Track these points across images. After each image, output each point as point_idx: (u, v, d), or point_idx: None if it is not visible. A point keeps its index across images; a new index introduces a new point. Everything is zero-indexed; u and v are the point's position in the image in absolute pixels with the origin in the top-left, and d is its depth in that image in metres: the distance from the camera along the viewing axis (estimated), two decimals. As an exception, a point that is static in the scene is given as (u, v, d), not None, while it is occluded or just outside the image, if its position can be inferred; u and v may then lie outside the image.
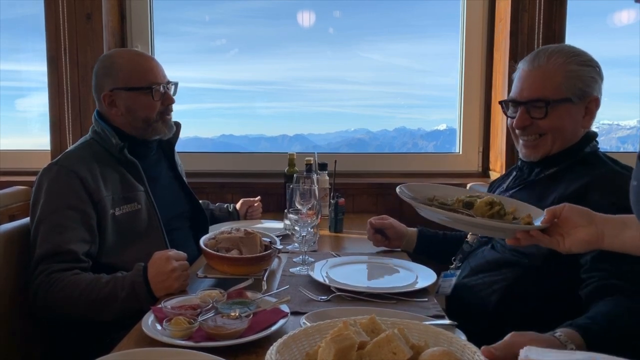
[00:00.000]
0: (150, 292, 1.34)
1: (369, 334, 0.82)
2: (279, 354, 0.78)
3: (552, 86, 1.37)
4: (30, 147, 2.66)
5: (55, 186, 1.51)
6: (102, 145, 1.64)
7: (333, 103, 2.87)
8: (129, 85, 1.64)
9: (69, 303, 1.38)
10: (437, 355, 0.77)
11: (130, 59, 1.69)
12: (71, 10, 2.33)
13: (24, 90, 2.76)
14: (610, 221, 1.02)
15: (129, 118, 1.66)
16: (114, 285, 1.37)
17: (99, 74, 1.69)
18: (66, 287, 1.38)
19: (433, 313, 1.19)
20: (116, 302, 1.35)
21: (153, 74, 1.67)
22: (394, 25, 2.73)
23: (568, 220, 1.05)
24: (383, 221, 1.74)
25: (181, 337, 1.01)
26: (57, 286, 1.39)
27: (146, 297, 1.33)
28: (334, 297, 1.29)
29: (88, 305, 1.37)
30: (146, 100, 1.65)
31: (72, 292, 1.38)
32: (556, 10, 2.29)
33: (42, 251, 1.44)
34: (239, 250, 1.42)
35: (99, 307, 1.37)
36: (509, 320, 1.30)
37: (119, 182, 1.60)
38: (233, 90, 2.81)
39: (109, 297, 1.36)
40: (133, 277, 1.36)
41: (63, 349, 1.57)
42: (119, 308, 1.35)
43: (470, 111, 2.60)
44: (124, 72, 1.65)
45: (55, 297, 1.38)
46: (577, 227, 1.04)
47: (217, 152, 2.73)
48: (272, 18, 2.76)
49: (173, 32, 2.73)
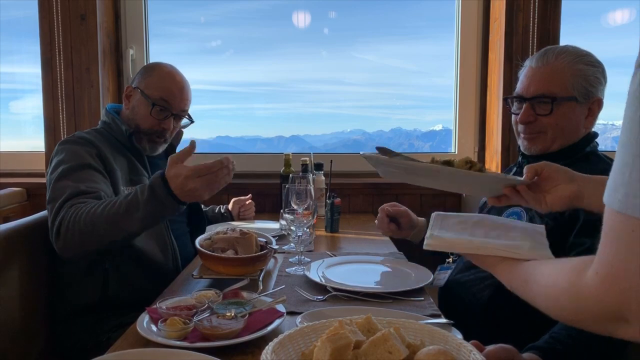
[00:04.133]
0: (172, 193, 1.33)
1: (365, 333, 0.82)
2: (274, 353, 0.77)
3: (559, 83, 1.38)
4: (24, 149, 2.65)
5: (76, 151, 1.58)
6: (110, 133, 1.72)
7: (329, 104, 2.87)
8: (144, 91, 1.73)
9: (92, 222, 1.37)
10: (432, 354, 0.77)
11: (166, 72, 1.77)
12: (65, 11, 2.32)
13: (18, 93, 2.74)
14: (591, 180, 1.02)
15: (130, 116, 1.75)
16: (135, 192, 1.38)
17: (139, 72, 1.81)
18: (90, 208, 1.39)
19: (429, 312, 1.19)
20: (138, 209, 1.35)
21: (168, 95, 1.73)
22: (389, 26, 2.73)
23: (549, 177, 1.04)
24: (398, 208, 1.70)
25: (176, 338, 1.00)
26: (80, 209, 1.39)
27: (167, 198, 1.33)
28: (330, 296, 1.28)
29: (111, 218, 1.36)
30: (145, 110, 1.72)
31: (95, 209, 1.38)
32: (551, 10, 2.30)
33: (67, 195, 1.45)
34: (234, 251, 1.42)
35: (122, 218, 1.36)
36: (501, 315, 1.30)
37: (126, 164, 1.69)
38: (228, 92, 2.81)
39: (130, 205, 1.36)
40: (151, 180, 1.37)
41: (62, 349, 1.57)
42: (141, 215, 1.35)
43: (466, 111, 2.61)
44: (153, 79, 1.75)
45: (79, 220, 1.38)
46: (558, 184, 1.03)
47: (213, 153, 2.72)
48: (267, 19, 2.76)
49: (168, 33, 2.72)
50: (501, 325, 1.30)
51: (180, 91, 1.75)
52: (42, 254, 1.61)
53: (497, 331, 1.12)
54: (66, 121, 2.36)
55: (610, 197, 0.58)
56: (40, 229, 1.63)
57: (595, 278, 0.60)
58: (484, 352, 0.93)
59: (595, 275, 0.60)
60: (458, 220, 1.01)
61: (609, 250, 0.58)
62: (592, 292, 0.60)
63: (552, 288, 0.70)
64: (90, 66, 2.35)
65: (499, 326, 1.28)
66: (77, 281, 1.57)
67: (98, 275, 1.56)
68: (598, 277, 0.59)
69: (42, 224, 1.65)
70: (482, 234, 0.93)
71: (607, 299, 0.58)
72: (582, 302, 0.62)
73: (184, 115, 1.79)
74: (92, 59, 2.34)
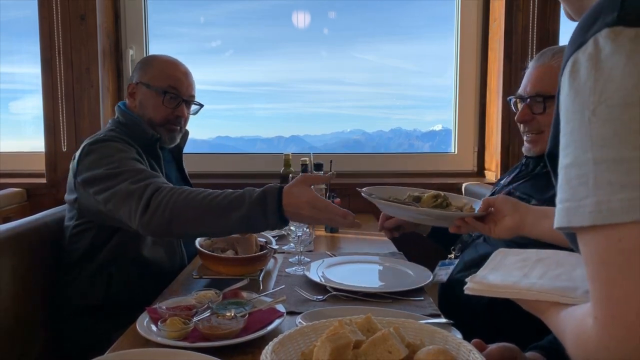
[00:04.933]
0: (281, 206, 1.24)
1: (364, 333, 0.82)
2: (274, 353, 0.77)
3: (551, 82, 1.39)
4: (24, 149, 2.65)
5: (112, 147, 1.52)
6: (127, 135, 1.63)
7: (329, 104, 2.87)
8: (150, 83, 1.69)
9: (187, 204, 1.29)
10: (432, 353, 0.77)
11: (165, 61, 1.74)
12: (65, 11, 2.32)
13: (18, 93, 2.74)
14: (532, 211, 1.15)
15: (139, 113, 1.70)
16: (242, 191, 1.29)
17: (137, 67, 1.76)
18: (189, 192, 1.32)
19: (429, 312, 1.19)
20: (241, 207, 1.25)
21: (175, 82, 1.70)
22: (388, 26, 2.73)
23: (500, 210, 1.18)
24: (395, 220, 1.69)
25: (176, 338, 1.00)
26: (176, 191, 1.33)
27: (274, 207, 1.24)
28: (330, 296, 1.28)
29: (210, 206, 1.28)
30: (156, 101, 1.68)
31: (196, 195, 1.30)
32: (550, 10, 2.30)
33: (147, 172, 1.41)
34: (234, 251, 1.42)
35: (222, 210, 1.27)
36: (504, 314, 1.30)
37: (147, 165, 1.60)
38: (228, 92, 2.81)
39: (235, 201, 1.27)
40: (266, 186, 1.29)
41: (61, 349, 1.57)
42: (240, 215, 1.25)
43: (466, 111, 2.61)
44: (155, 70, 1.71)
45: (175, 199, 1.30)
46: (505, 215, 1.17)
47: (213, 153, 2.73)
48: (266, 19, 2.75)
49: (168, 33, 2.72)
50: (503, 324, 1.30)
51: (185, 76, 1.74)
52: (41, 254, 1.61)
53: (499, 331, 1.12)
54: (66, 121, 2.36)
55: (575, 216, 0.50)
56: (40, 229, 1.63)
57: (596, 324, 0.49)
58: (486, 351, 0.92)
59: (595, 321, 0.50)
60: (520, 258, 0.90)
61: (600, 281, 0.49)
62: (597, 343, 0.49)
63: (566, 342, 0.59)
64: (90, 66, 2.34)
65: (502, 325, 1.28)
66: (81, 283, 1.57)
67: (103, 278, 1.56)
68: (598, 322, 0.49)
69: (42, 224, 1.65)
70: (539, 274, 0.81)
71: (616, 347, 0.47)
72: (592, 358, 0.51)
73: (193, 100, 1.77)
74: (92, 59, 2.34)
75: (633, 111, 0.47)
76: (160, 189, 1.34)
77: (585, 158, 0.49)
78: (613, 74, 0.48)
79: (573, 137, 0.51)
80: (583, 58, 0.51)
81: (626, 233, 0.47)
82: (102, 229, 1.56)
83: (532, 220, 1.13)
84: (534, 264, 0.85)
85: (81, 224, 1.59)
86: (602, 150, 0.48)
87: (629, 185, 0.46)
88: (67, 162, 2.35)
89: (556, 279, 0.78)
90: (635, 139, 0.47)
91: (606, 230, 0.48)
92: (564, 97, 0.54)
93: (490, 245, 1.43)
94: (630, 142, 0.47)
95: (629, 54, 0.48)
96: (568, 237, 0.61)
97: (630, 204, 0.46)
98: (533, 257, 0.87)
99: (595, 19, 0.52)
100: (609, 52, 0.49)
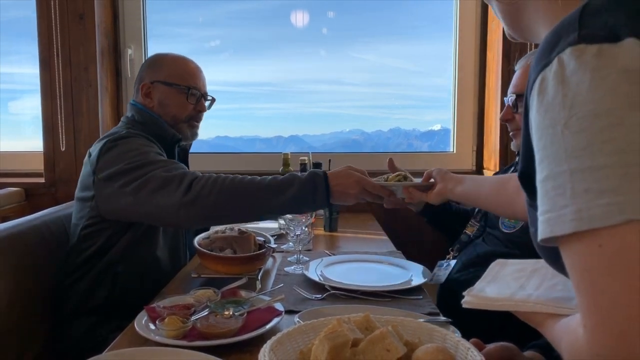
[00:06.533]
0: (329, 188, 1.36)
1: (363, 331, 0.82)
2: (272, 352, 0.77)
3: (525, 82, 1.40)
4: (23, 149, 2.64)
5: (136, 142, 1.51)
6: (147, 133, 1.61)
7: (327, 104, 2.87)
8: (169, 81, 1.68)
9: (234, 187, 1.34)
10: (430, 351, 0.77)
11: (178, 59, 1.74)
12: (63, 11, 2.31)
13: (17, 93, 2.74)
14: (454, 179, 1.36)
15: (159, 112, 1.68)
16: (290, 173, 1.39)
17: (145, 67, 1.74)
18: (232, 177, 1.36)
19: (427, 310, 1.19)
20: (292, 186, 1.34)
21: (194, 79, 1.72)
22: (387, 26, 2.73)
23: (435, 179, 1.39)
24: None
25: (175, 337, 1.00)
26: (218, 177, 1.36)
27: (323, 188, 1.35)
28: (328, 295, 1.28)
29: (263, 187, 1.34)
30: (180, 99, 1.69)
31: (242, 180, 1.35)
32: (549, 9, 2.30)
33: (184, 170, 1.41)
34: (232, 250, 1.42)
35: (274, 191, 1.34)
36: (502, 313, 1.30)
37: None
38: (227, 92, 2.80)
39: (285, 182, 1.35)
40: (311, 170, 1.40)
41: (60, 349, 1.57)
42: (292, 194, 1.33)
43: (464, 111, 2.61)
44: (170, 68, 1.71)
45: (221, 184, 1.33)
46: (437, 183, 1.38)
47: (212, 153, 2.73)
48: (265, 19, 2.75)
49: (167, 33, 2.72)
50: (502, 323, 1.30)
51: (200, 72, 1.76)
52: (40, 254, 1.60)
53: (498, 330, 1.12)
54: (64, 121, 2.36)
55: (556, 226, 0.50)
56: (39, 228, 1.63)
57: (585, 333, 0.49)
58: (485, 351, 0.92)
59: (585, 329, 0.49)
60: (517, 268, 0.91)
61: (585, 289, 0.49)
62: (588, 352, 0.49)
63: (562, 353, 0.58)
64: (88, 66, 2.34)
65: (500, 325, 1.28)
66: (86, 283, 1.56)
67: (108, 278, 1.55)
68: (587, 331, 0.48)
69: (40, 223, 1.65)
70: (535, 285, 0.82)
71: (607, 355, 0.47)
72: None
73: (207, 95, 1.78)
74: (91, 58, 2.34)
75: (603, 122, 0.48)
76: (198, 176, 1.37)
77: (560, 169, 0.50)
78: (580, 88, 0.50)
79: (546, 152, 0.52)
80: (550, 76, 0.53)
81: (607, 238, 0.47)
82: (116, 228, 1.54)
83: (451, 186, 1.35)
84: (530, 275, 0.86)
85: (94, 223, 1.54)
86: (578, 160, 0.49)
87: (607, 190, 0.47)
88: (66, 162, 2.36)
89: (552, 289, 0.78)
90: (609, 146, 0.48)
91: (587, 237, 0.48)
92: (534, 114, 0.55)
93: (487, 245, 1.44)
94: (604, 149, 0.48)
95: (594, 68, 0.49)
96: (550, 258, 0.62)
97: (609, 209, 0.47)
98: (529, 268, 0.88)
99: (558, 40, 0.54)
100: (574, 69, 0.51)
